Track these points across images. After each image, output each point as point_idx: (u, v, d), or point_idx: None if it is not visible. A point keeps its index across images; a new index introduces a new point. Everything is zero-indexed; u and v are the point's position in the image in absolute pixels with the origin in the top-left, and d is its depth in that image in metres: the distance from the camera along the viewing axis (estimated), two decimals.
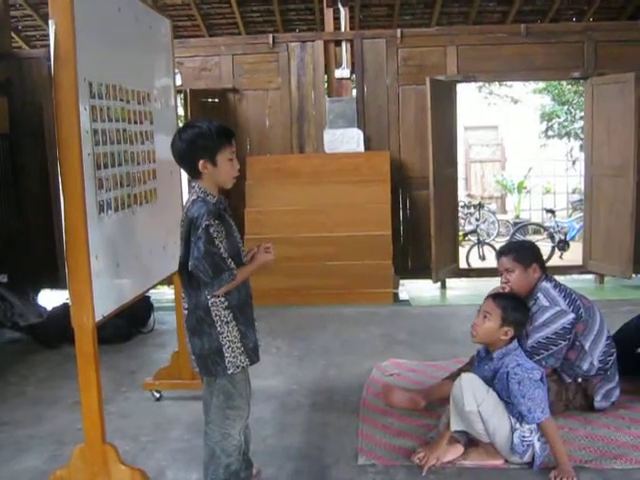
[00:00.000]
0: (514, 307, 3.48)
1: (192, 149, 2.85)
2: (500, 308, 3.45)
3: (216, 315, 2.87)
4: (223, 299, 2.87)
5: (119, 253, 3.28)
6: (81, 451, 3.05)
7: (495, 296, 3.59)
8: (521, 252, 4.00)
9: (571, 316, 3.80)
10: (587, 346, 3.87)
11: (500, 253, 4.11)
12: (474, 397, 3.30)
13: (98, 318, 2.97)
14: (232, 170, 2.94)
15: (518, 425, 3.30)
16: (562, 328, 3.77)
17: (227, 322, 2.88)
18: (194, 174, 2.89)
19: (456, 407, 3.37)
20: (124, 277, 3.36)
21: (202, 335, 2.89)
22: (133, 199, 3.49)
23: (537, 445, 3.31)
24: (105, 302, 3.07)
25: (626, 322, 4.54)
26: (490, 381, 3.41)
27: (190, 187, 2.96)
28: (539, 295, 3.87)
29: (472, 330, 3.52)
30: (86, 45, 2.91)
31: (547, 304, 3.83)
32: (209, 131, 2.86)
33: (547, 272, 4.03)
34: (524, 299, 3.92)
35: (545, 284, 3.92)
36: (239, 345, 2.90)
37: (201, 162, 2.84)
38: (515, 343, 3.46)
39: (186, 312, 2.95)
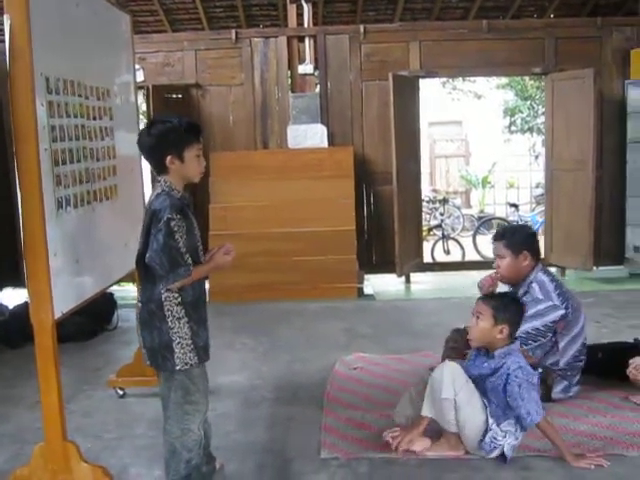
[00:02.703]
0: (505, 304, 3.46)
1: (161, 144, 2.87)
2: (491, 307, 3.44)
3: (168, 310, 2.87)
4: (177, 295, 2.87)
5: (79, 250, 3.26)
6: (41, 449, 3.03)
7: (484, 297, 3.61)
8: (512, 238, 3.99)
9: (561, 312, 3.84)
10: (561, 345, 3.93)
11: (494, 238, 4.11)
12: (453, 385, 3.31)
13: (57, 315, 2.95)
14: (199, 167, 2.97)
15: (494, 426, 3.34)
16: (552, 322, 3.83)
17: (179, 318, 2.88)
18: (160, 169, 2.91)
19: (432, 392, 3.38)
20: (84, 274, 3.35)
21: (153, 329, 2.89)
22: (93, 196, 3.47)
23: (506, 447, 3.36)
24: (65, 299, 3.05)
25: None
26: (486, 377, 3.42)
27: (155, 181, 2.97)
28: (534, 286, 3.89)
29: (469, 334, 3.53)
30: (43, 40, 2.89)
31: (541, 297, 3.85)
32: (179, 127, 2.89)
33: (539, 259, 4.02)
34: (513, 286, 3.98)
35: (542, 276, 3.93)
36: (189, 342, 2.90)
37: (169, 157, 2.87)
38: (517, 343, 3.47)
39: (140, 304, 2.96)
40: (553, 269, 8.02)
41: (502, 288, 4.11)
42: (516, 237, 4.01)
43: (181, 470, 2.98)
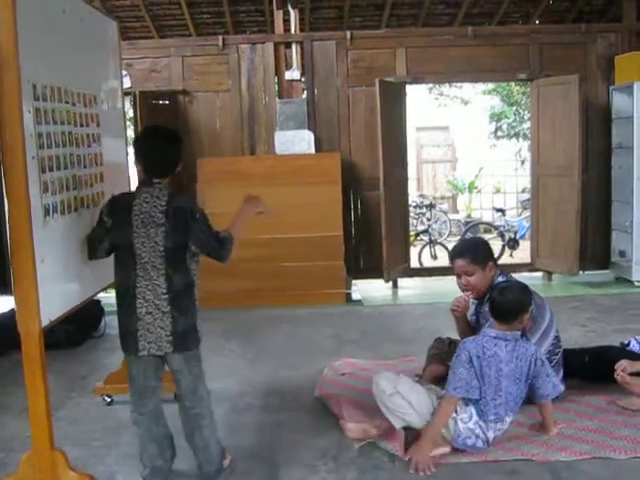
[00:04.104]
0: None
1: (180, 149, 3.28)
2: None
3: (195, 294, 3.25)
4: (196, 279, 3.23)
5: (66, 257, 3.25)
6: (29, 458, 3.03)
7: None
8: (477, 253, 4.03)
9: None
10: (533, 343, 3.95)
11: (455, 255, 4.10)
12: (387, 381, 3.62)
13: (45, 323, 2.95)
14: None
15: None
16: None
17: (195, 299, 3.26)
18: (171, 172, 3.25)
19: (384, 404, 3.59)
20: (72, 281, 3.34)
21: (187, 313, 3.20)
22: (80, 202, 3.47)
23: (460, 425, 3.48)
24: (52, 306, 3.05)
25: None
26: None
27: (152, 185, 3.17)
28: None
29: None
30: (29, 47, 2.89)
31: None
32: None
33: (498, 266, 4.12)
34: (482, 297, 4.04)
35: (500, 280, 3.98)
36: (198, 319, 3.29)
37: (181, 163, 3.30)
38: (491, 332, 3.58)
39: (166, 296, 3.13)
40: (540, 274, 8.09)
41: None
42: (479, 251, 4.08)
43: (216, 428, 3.39)
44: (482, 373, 3.48)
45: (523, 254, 10.76)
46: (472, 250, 4.08)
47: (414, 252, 10.43)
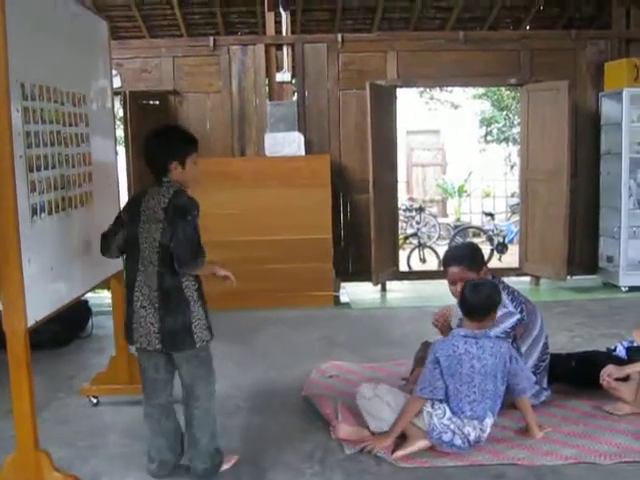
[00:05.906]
0: None
1: (165, 145, 3.25)
2: None
3: (189, 295, 3.22)
4: (194, 282, 3.24)
5: (53, 257, 3.24)
6: (13, 459, 3.01)
7: None
8: (472, 259, 3.99)
9: (517, 317, 3.88)
10: (523, 349, 3.95)
11: (450, 262, 4.02)
12: (366, 388, 3.76)
13: (31, 323, 2.93)
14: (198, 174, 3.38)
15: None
16: (509, 328, 3.85)
17: (195, 301, 3.25)
18: (163, 167, 3.21)
19: (365, 408, 3.72)
20: (58, 281, 3.32)
21: (176, 313, 3.19)
22: (68, 202, 3.45)
23: (435, 419, 3.51)
24: (38, 307, 3.03)
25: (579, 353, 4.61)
26: None
27: (161, 182, 3.23)
28: None
29: None
30: (19, 45, 2.88)
31: None
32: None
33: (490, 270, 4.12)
34: None
35: None
36: (204, 322, 3.29)
37: (173, 163, 3.22)
38: (460, 331, 3.64)
39: (156, 293, 3.18)
40: (528, 278, 8.11)
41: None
42: (474, 256, 4.04)
43: (213, 429, 3.41)
44: (453, 371, 3.51)
45: (511, 258, 10.78)
46: (468, 256, 4.02)
47: (403, 255, 10.44)
